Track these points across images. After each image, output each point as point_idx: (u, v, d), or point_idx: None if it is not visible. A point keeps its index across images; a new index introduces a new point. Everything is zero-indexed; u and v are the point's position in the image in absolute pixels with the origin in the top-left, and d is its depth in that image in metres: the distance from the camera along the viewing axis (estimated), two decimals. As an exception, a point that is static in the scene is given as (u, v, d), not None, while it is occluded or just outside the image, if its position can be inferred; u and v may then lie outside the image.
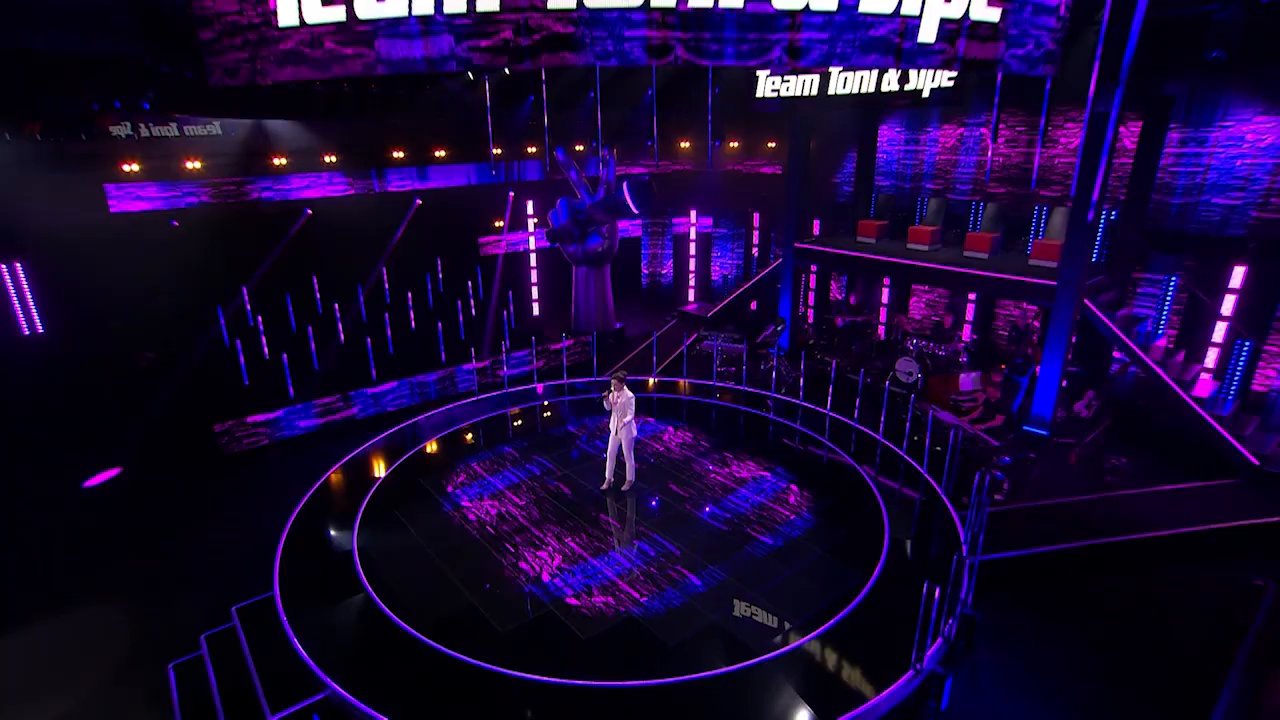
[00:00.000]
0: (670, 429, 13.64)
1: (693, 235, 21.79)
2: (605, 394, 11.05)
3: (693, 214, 21.69)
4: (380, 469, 12.25)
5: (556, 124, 18.23)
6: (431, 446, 13.10)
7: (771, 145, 20.63)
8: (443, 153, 18.67)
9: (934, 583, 7.96)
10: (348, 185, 17.71)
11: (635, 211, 17.57)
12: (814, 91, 13.88)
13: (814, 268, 18.73)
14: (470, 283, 19.23)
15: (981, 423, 12.48)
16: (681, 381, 15.91)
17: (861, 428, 13.56)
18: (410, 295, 18.36)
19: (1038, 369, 12.86)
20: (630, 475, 11.30)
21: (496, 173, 19.36)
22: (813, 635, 8.42)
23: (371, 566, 9.69)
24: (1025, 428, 12.75)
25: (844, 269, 16.72)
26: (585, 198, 17.98)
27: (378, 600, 9.09)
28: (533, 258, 20.84)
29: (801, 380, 15.10)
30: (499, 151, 19.29)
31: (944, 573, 9.19)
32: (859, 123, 17.26)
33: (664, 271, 22.26)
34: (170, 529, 11.18)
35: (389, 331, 16.92)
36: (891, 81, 12.68)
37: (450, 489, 11.60)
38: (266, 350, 16.08)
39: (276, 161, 16.66)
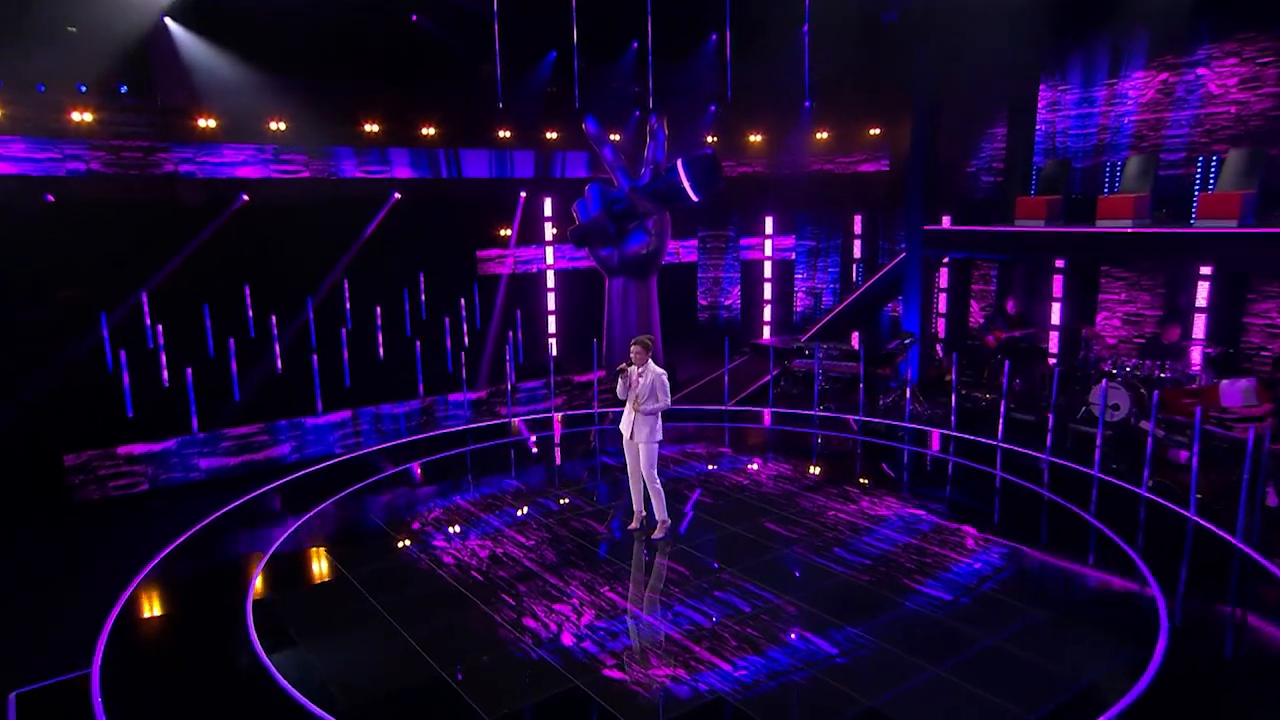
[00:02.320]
0: (758, 460, 11.86)
1: (768, 250, 19.75)
2: (621, 370, 8.67)
3: (768, 223, 19.71)
4: (308, 503, 10.33)
5: (588, 86, 16.63)
6: (393, 479, 11.42)
7: (874, 133, 18.81)
8: (431, 130, 17.06)
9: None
10: (300, 165, 15.99)
11: (694, 198, 15.50)
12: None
13: (947, 266, 16.46)
14: (463, 301, 17.19)
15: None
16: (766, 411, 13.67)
17: (1060, 461, 11.40)
18: (379, 315, 16.32)
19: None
20: (660, 513, 8.95)
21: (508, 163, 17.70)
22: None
23: (274, 623, 7.41)
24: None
25: (1004, 254, 14.38)
26: (624, 182, 16.01)
27: (272, 669, 6.58)
28: (550, 278, 18.81)
29: (952, 410, 12.74)
30: (507, 134, 17.67)
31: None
32: (1014, 66, 15.27)
33: (727, 303, 20.12)
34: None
35: (345, 355, 14.75)
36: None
37: (418, 526, 9.61)
38: (166, 376, 13.91)
39: (202, 123, 15.01)
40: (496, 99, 17.18)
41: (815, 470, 11.54)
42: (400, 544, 9.01)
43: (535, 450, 13.00)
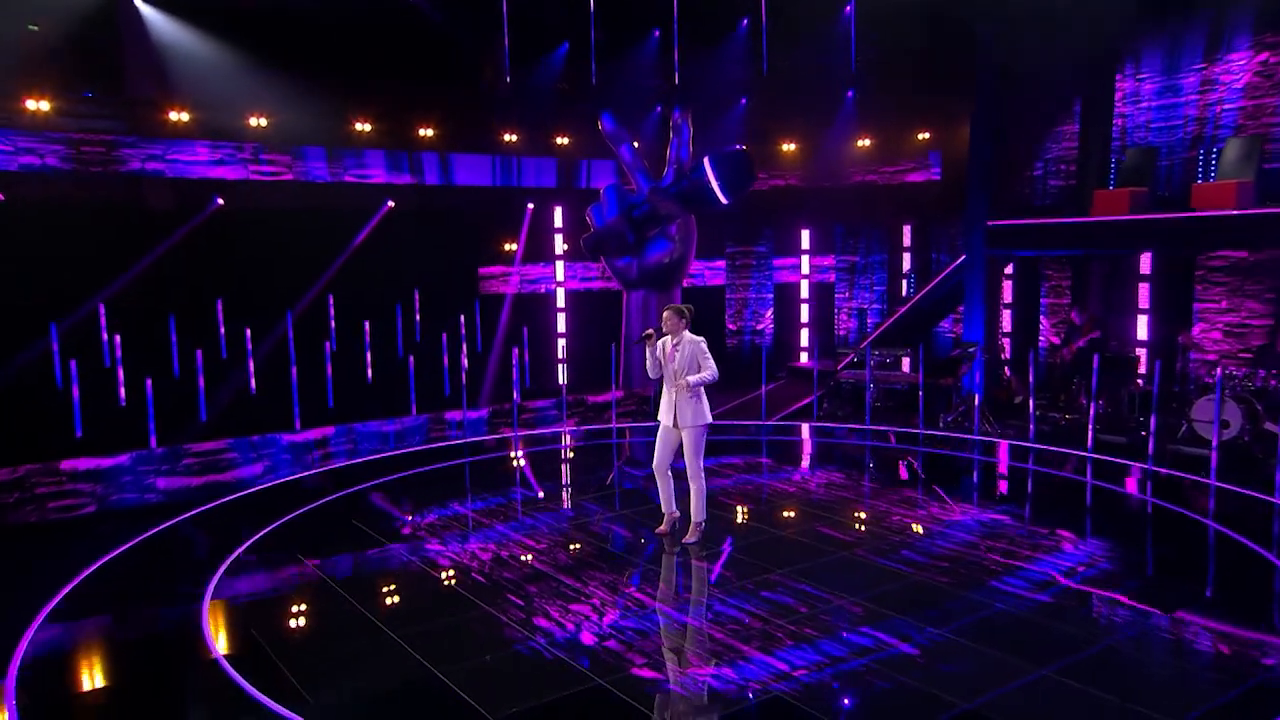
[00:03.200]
0: (803, 469, 12.13)
1: (805, 268, 19.37)
2: (646, 337, 8.21)
3: (805, 237, 19.34)
4: (278, 513, 9.81)
5: (604, 79, 16.51)
6: (380, 489, 11.03)
7: (922, 138, 18.50)
8: (430, 132, 16.86)
9: None
10: (283, 166, 15.77)
11: (723, 200, 15.26)
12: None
13: (1011, 279, 16.03)
14: (463, 318, 16.84)
15: None
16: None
17: (1165, 470, 10.94)
18: (368, 332, 16.01)
19: None
20: (698, 512, 8.36)
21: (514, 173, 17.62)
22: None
23: (234, 623, 7.02)
24: None
25: (1081, 249, 14.09)
26: (644, 184, 15.74)
27: (226, 666, 6.04)
28: (560, 296, 18.44)
29: (1030, 428, 12.40)
30: (514, 138, 17.47)
31: None
32: (1088, 51, 15.00)
33: (759, 327, 19.70)
34: None
35: (329, 372, 14.40)
36: None
37: (407, 531, 9.19)
38: (124, 395, 13.62)
39: (174, 117, 14.79)
40: (504, 95, 17.06)
41: (872, 479, 11.34)
42: (387, 549, 8.51)
43: (543, 463, 12.76)
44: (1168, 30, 15.05)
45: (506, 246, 18.16)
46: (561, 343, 18.31)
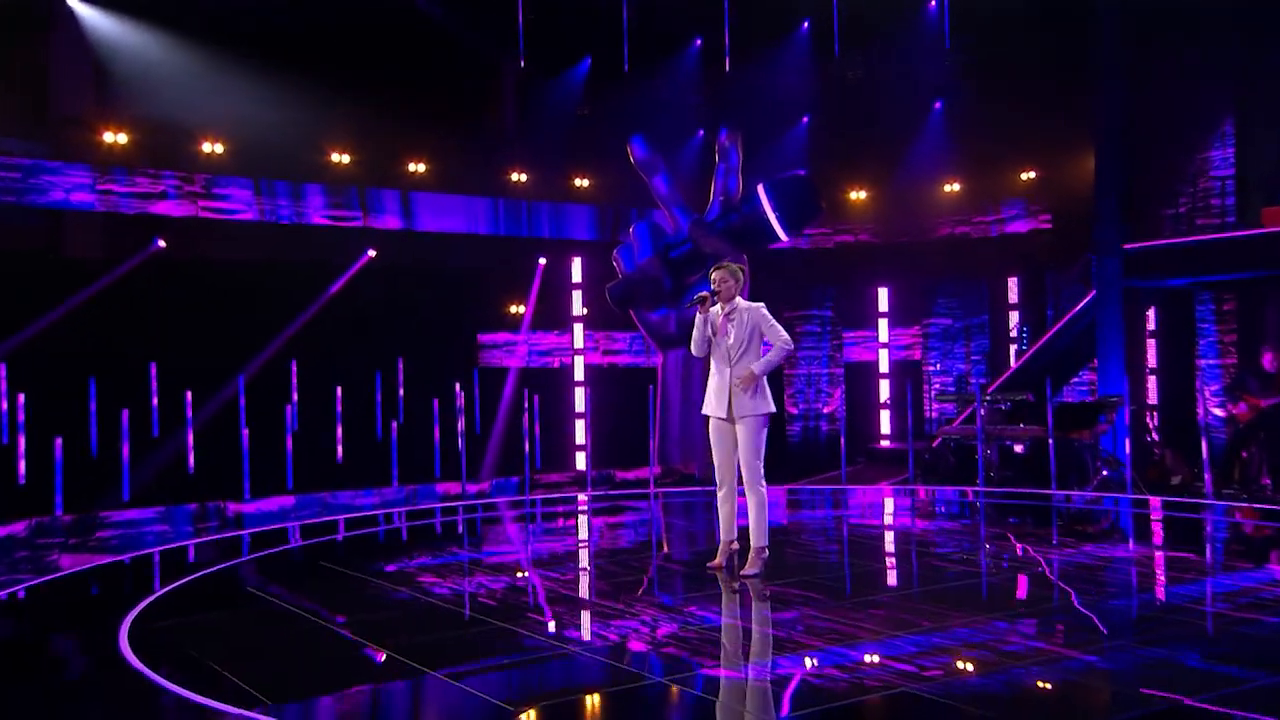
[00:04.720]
0: (905, 518, 12.60)
1: (883, 336, 19.27)
2: (700, 300, 7.78)
3: (882, 297, 19.27)
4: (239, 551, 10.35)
5: (634, 98, 16.92)
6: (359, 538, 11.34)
7: (1026, 177, 18.56)
8: (422, 167, 17.10)
9: None
10: (242, 204, 16.01)
11: (782, 235, 15.32)
12: None
13: (1155, 336, 15.87)
14: (459, 388, 16.71)
15: None
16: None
17: None
18: (339, 402, 15.89)
19: None
20: (758, 536, 7.82)
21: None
22: None
23: (171, 644, 6.78)
24: None
25: (1258, 271, 14.08)
26: (683, 219, 15.78)
27: (156, 678, 5.70)
28: (578, 369, 18.34)
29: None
30: (523, 177, 17.67)
31: None
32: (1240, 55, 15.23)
33: (828, 410, 19.56)
34: None
35: (289, 444, 14.49)
36: None
37: (394, 569, 9.15)
38: (23, 473, 13.77)
39: (108, 139, 14.99)
40: (513, 123, 17.33)
41: (988, 526, 11.50)
42: (365, 580, 8.40)
43: (558, 519, 13.12)
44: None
45: (512, 309, 18.23)
46: (580, 424, 18.26)
